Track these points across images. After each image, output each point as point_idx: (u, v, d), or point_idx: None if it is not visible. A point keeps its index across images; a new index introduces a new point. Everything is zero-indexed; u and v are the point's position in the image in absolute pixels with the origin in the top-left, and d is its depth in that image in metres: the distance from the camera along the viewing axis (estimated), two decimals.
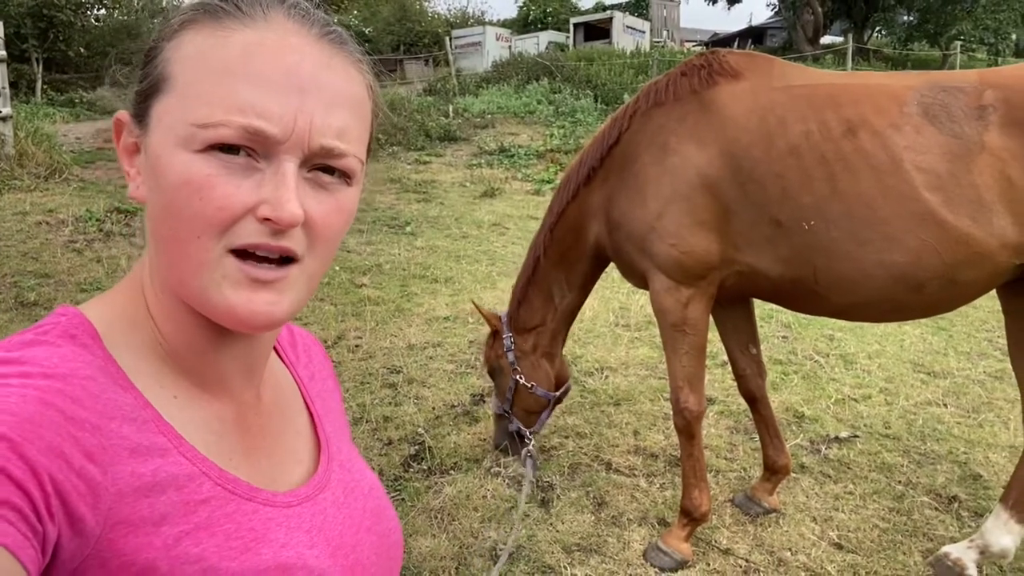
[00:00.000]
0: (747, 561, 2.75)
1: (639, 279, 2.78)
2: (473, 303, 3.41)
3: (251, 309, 0.63)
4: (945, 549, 2.71)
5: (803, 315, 5.30)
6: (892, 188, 2.22)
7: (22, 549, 0.49)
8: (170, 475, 0.61)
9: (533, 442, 3.09)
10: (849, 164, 2.27)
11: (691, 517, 2.75)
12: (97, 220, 6.92)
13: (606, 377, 4.40)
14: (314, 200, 0.64)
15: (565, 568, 2.70)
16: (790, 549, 2.81)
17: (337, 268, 6.38)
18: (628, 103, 2.76)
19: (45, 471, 0.52)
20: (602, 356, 4.70)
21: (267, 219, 0.61)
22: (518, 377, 3.15)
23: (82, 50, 18.07)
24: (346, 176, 0.67)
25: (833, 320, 5.32)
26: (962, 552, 2.67)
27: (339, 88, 0.66)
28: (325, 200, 0.65)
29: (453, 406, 3.96)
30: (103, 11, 19.96)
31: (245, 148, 0.61)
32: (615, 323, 5.32)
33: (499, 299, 5.25)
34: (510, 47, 24.05)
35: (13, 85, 9.96)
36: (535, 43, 24.63)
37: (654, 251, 2.56)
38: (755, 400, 3.05)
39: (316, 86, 0.63)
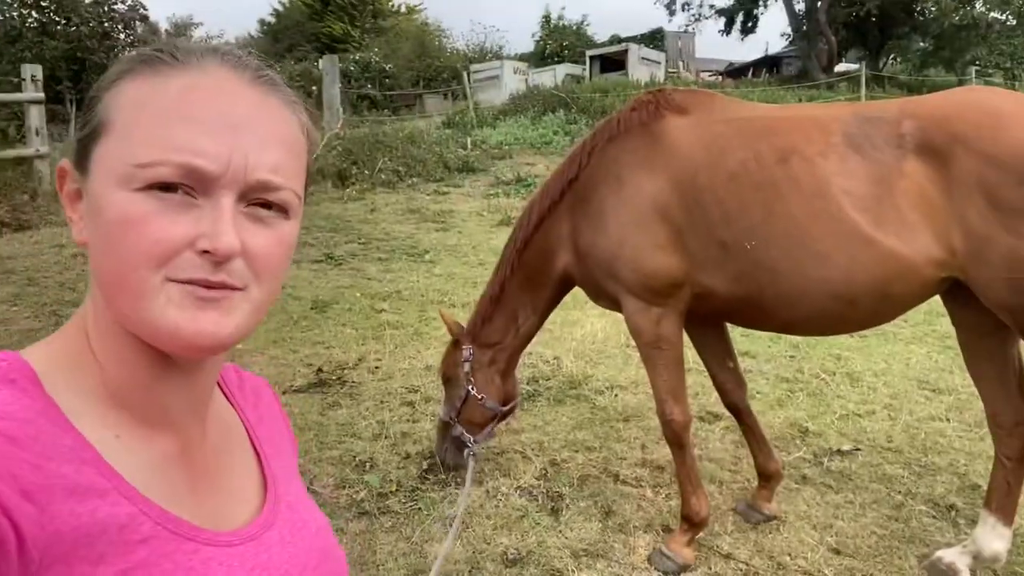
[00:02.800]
0: (747, 565, 2.87)
1: (609, 302, 2.99)
2: (441, 312, 3.53)
3: (196, 328, 0.64)
4: (939, 553, 2.82)
5: (811, 337, 5.43)
6: (822, 210, 2.41)
7: None
8: (109, 515, 0.61)
9: (474, 451, 3.21)
10: (783, 189, 2.46)
11: (692, 523, 2.88)
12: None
13: (616, 395, 4.55)
14: (252, 232, 0.66)
15: (572, 571, 2.83)
16: (789, 554, 2.93)
17: (358, 295, 6.61)
18: (585, 139, 2.97)
19: None
20: (612, 375, 4.86)
21: (206, 251, 0.63)
22: (470, 388, 3.24)
23: None
24: (283, 210, 0.70)
25: (841, 340, 5.46)
26: (955, 556, 2.77)
27: (273, 127, 0.69)
28: (262, 233, 0.68)
29: None
30: (134, 52, 20.71)
31: (183, 186, 0.63)
32: (625, 344, 5.47)
33: None
34: (527, 80, 24.52)
35: (50, 123, 10.41)
36: (552, 76, 25.10)
37: (621, 276, 2.75)
38: (739, 411, 3.21)
39: (250, 125, 0.67)
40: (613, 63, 27.32)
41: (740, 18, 30.05)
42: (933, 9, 22.73)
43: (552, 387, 4.68)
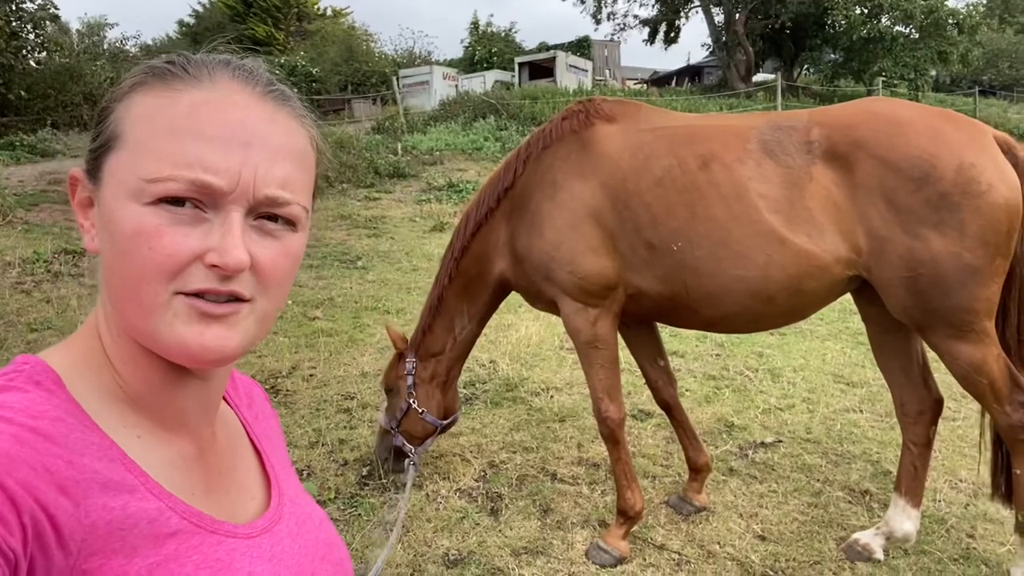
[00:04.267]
0: (680, 555, 2.99)
1: (547, 305, 3.06)
2: (387, 327, 3.54)
3: (202, 343, 0.66)
4: (855, 536, 3.01)
5: (735, 335, 5.66)
6: (740, 213, 2.56)
7: None
8: (139, 509, 0.64)
9: (415, 452, 3.30)
10: (704, 193, 2.61)
11: (627, 516, 2.99)
12: (45, 261, 6.93)
13: (551, 396, 4.64)
14: (260, 246, 0.68)
15: (513, 570, 2.90)
16: (719, 542, 3.07)
17: (290, 302, 6.52)
18: (520, 147, 3.06)
19: (22, 502, 0.55)
20: (547, 377, 4.95)
21: (215, 265, 0.64)
22: (412, 401, 3.31)
23: (23, 93, 17.82)
24: (291, 223, 0.71)
25: (761, 338, 5.71)
26: (870, 538, 2.97)
27: (282, 141, 0.70)
28: (271, 246, 0.69)
29: None
30: (44, 54, 19.73)
31: (192, 200, 0.64)
32: (560, 346, 5.59)
33: None
34: (456, 86, 24.55)
35: None
36: (481, 82, 25.20)
37: (557, 278, 2.84)
38: (670, 407, 3.35)
39: (260, 140, 0.68)
40: (542, 70, 27.64)
41: (663, 28, 30.85)
42: (843, 22, 23.89)
43: (489, 390, 4.74)
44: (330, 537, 0.88)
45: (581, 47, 32.90)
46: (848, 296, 2.93)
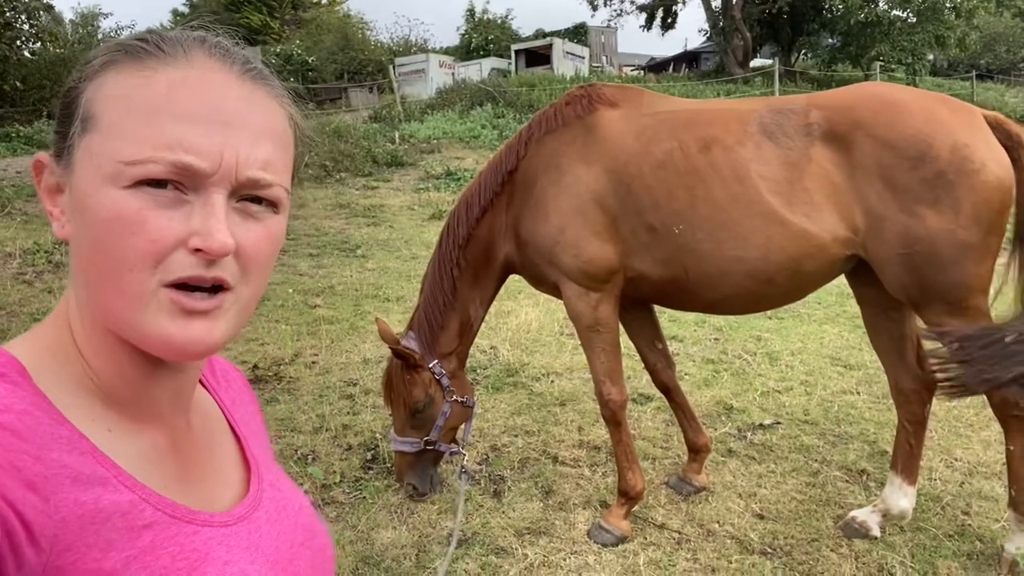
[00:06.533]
0: (679, 533, 3.05)
1: (550, 288, 3.07)
2: (387, 343, 3.05)
3: (187, 337, 0.64)
4: (852, 514, 3.07)
5: (733, 318, 5.71)
6: (741, 194, 2.60)
7: None
8: (111, 502, 0.62)
9: (466, 455, 3.08)
10: (705, 176, 2.64)
11: (628, 497, 3.04)
12: (46, 252, 6.94)
13: (552, 381, 4.69)
14: (243, 229, 0.66)
15: (516, 549, 2.95)
16: (718, 521, 3.13)
17: (291, 291, 6.56)
18: (521, 131, 3.05)
19: None
20: (548, 362, 5.00)
21: (199, 250, 0.62)
22: (455, 398, 3.09)
23: (18, 84, 17.80)
24: (273, 205, 0.69)
25: (760, 322, 5.76)
26: (867, 515, 3.02)
27: (262, 122, 0.68)
28: (253, 228, 0.67)
29: None
30: (38, 44, 19.67)
31: (172, 182, 0.62)
32: (560, 332, 5.64)
33: None
34: (453, 74, 24.48)
35: None
36: (478, 70, 25.13)
37: (561, 262, 2.86)
38: (669, 390, 3.39)
39: (241, 120, 0.66)
40: (538, 57, 27.56)
41: (660, 14, 30.72)
42: (840, 7, 23.80)
43: (490, 375, 4.78)
44: (311, 523, 0.86)
45: (578, 34, 32.81)
46: (845, 280, 2.98)
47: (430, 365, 3.08)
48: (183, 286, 0.63)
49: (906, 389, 2.94)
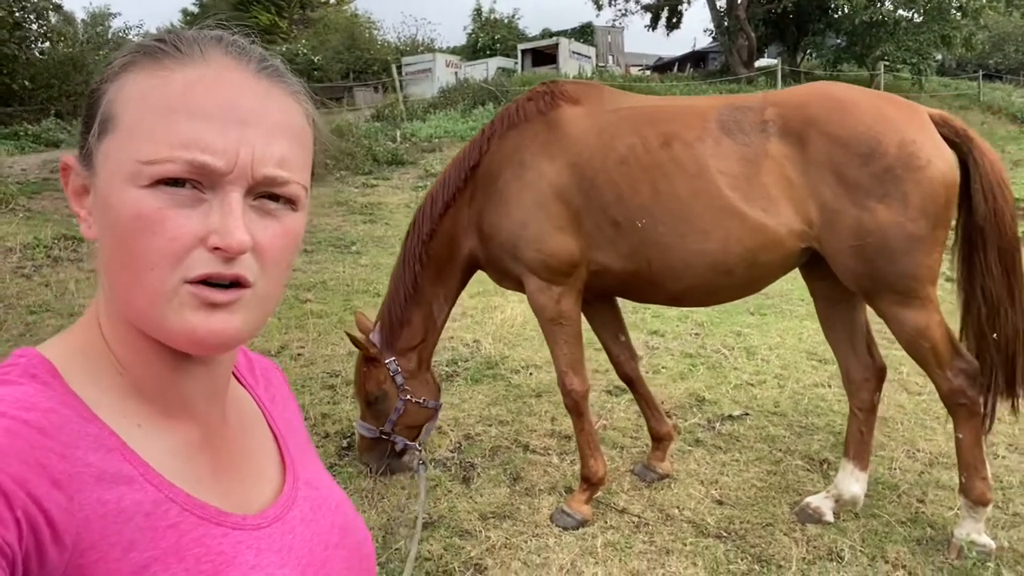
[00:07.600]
0: (639, 517, 3.14)
1: (514, 283, 3.15)
2: (347, 333, 3.31)
3: (208, 329, 0.65)
4: (807, 499, 3.15)
5: (715, 314, 5.79)
6: (701, 189, 2.69)
7: None
8: (135, 502, 0.62)
9: (422, 448, 3.20)
10: (666, 171, 2.73)
11: (590, 483, 3.13)
12: (45, 247, 7.10)
13: (531, 373, 4.79)
14: (261, 226, 0.66)
15: (480, 531, 3.05)
16: (678, 507, 3.22)
17: None
18: (484, 128, 3.13)
19: (15, 496, 0.54)
20: (528, 356, 5.10)
21: (217, 248, 0.63)
22: (408, 397, 3.21)
23: (27, 83, 17.99)
24: (291, 202, 0.69)
25: (741, 317, 5.83)
26: (821, 501, 3.11)
27: (279, 119, 0.68)
28: (271, 226, 0.68)
29: None
30: (47, 44, 19.93)
31: (190, 181, 0.63)
32: None
33: None
34: (457, 73, 24.59)
35: None
36: (484, 69, 25.20)
37: (523, 256, 2.94)
38: (632, 381, 3.49)
39: (256, 118, 0.66)
40: (545, 57, 27.62)
41: (665, 14, 30.71)
42: (845, 7, 23.76)
43: (470, 368, 4.89)
44: (346, 520, 0.86)
45: (584, 33, 32.83)
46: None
47: (386, 361, 3.20)
48: (204, 281, 0.64)
49: (856, 378, 3.03)
